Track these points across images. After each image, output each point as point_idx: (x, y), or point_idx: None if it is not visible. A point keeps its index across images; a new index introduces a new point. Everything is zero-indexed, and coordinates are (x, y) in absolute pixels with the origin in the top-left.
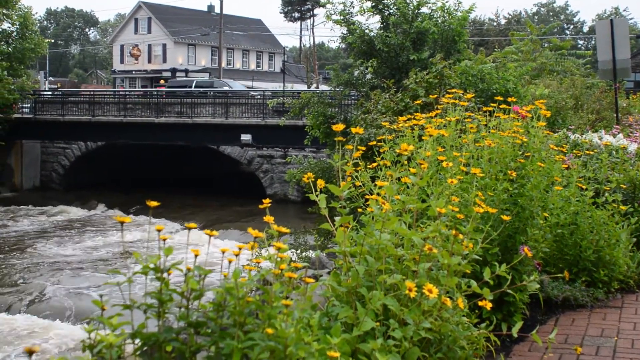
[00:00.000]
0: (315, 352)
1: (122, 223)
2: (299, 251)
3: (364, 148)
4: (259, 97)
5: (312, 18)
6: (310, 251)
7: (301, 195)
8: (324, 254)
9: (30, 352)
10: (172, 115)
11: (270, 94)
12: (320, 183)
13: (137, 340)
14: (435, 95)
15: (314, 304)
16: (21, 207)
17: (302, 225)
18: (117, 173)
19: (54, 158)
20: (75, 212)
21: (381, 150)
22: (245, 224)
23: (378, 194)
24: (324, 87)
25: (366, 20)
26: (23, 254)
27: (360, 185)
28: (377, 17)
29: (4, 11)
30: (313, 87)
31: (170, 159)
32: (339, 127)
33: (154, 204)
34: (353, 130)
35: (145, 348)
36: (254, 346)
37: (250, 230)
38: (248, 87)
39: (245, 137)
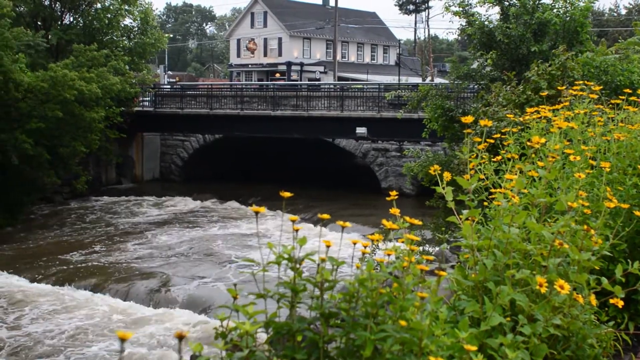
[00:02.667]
0: (445, 346)
1: (257, 213)
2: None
3: (492, 140)
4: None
5: (427, 10)
6: (427, 245)
7: (416, 189)
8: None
9: (180, 337)
10: (287, 108)
11: (381, 86)
12: (447, 176)
13: (269, 329)
14: (563, 87)
15: (439, 297)
16: (142, 197)
17: (418, 218)
18: (234, 165)
19: (172, 150)
20: (194, 204)
21: (505, 143)
22: (360, 217)
23: (502, 187)
24: (438, 80)
25: (486, 11)
26: (143, 243)
27: (483, 179)
28: (497, 9)
29: (126, 7)
30: (428, 80)
31: (285, 152)
32: (468, 119)
33: (286, 194)
34: (481, 122)
35: (277, 337)
36: (386, 338)
37: (384, 222)
38: (363, 80)
39: (361, 130)
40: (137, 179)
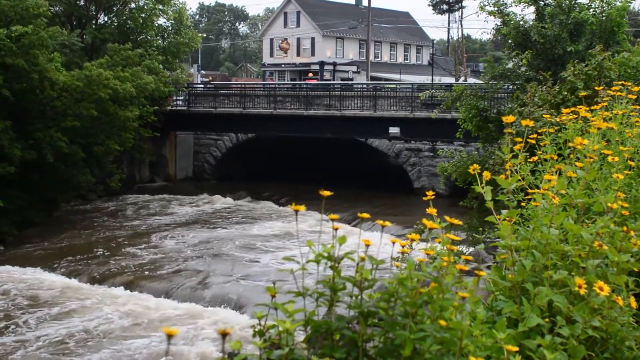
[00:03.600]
0: (482, 346)
1: (296, 211)
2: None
3: (532, 141)
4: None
5: (460, 10)
6: (461, 245)
7: (449, 189)
8: (479, 248)
9: (224, 334)
10: (320, 108)
11: (415, 86)
12: (486, 175)
13: (307, 328)
14: (601, 87)
15: (478, 298)
16: (175, 196)
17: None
18: (267, 165)
19: (205, 149)
20: (226, 202)
21: (541, 144)
22: (393, 216)
23: (539, 188)
24: (472, 80)
25: (521, 11)
26: (176, 241)
27: (520, 179)
28: (532, 8)
29: (160, 7)
30: (461, 80)
31: (317, 152)
32: (509, 118)
33: (326, 193)
34: (523, 122)
35: (315, 335)
36: (425, 337)
37: (425, 221)
38: (395, 80)
39: (394, 130)
40: (170, 177)
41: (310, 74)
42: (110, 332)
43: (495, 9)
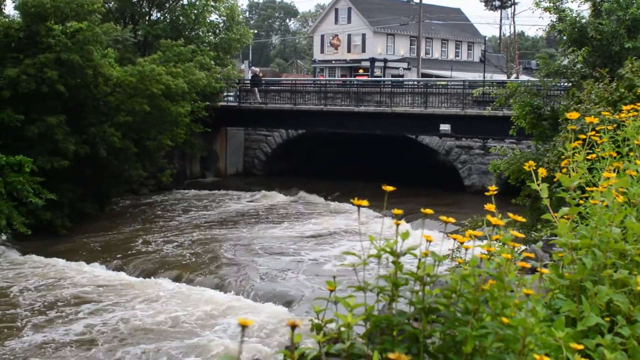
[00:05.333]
0: (542, 344)
1: (359, 206)
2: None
3: (595, 138)
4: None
5: (512, 6)
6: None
7: (499, 187)
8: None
9: (292, 326)
10: (371, 105)
11: (466, 83)
12: (542, 172)
13: (367, 323)
14: None
15: (538, 295)
16: (225, 191)
17: (503, 217)
18: (316, 161)
19: (256, 145)
20: (277, 198)
21: (599, 142)
22: (443, 214)
23: (596, 185)
24: (523, 77)
25: (577, 7)
26: (226, 236)
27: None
28: (588, 4)
29: (212, 3)
30: (513, 77)
31: (367, 149)
32: (573, 115)
33: (389, 188)
34: (587, 119)
35: (374, 330)
36: (487, 334)
37: (489, 218)
38: (446, 77)
39: (444, 127)
40: (220, 173)
41: (361, 71)
42: (160, 325)
43: (551, 4)
